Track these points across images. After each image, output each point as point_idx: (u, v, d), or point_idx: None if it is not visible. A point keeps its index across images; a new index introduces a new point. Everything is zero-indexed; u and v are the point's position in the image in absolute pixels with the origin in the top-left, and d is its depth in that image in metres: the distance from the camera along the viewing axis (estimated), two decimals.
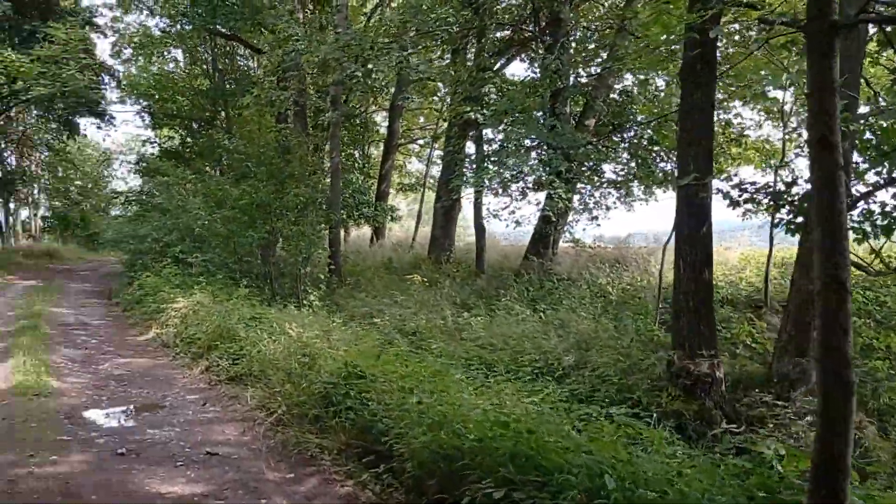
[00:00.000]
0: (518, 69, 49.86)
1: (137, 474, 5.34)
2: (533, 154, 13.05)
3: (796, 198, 8.85)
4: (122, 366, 9.61)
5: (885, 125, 6.45)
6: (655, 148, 14.53)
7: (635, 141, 15.04)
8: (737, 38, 13.00)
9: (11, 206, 38.02)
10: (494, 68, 16.63)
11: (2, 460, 5.45)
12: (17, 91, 24.64)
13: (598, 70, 14.90)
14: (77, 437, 6.20)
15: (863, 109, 8.96)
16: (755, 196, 9.15)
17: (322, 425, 6.15)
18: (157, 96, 27.76)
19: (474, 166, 15.91)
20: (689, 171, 8.07)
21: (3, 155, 33.23)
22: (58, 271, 26.47)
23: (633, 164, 14.24)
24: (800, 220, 8.70)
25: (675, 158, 14.34)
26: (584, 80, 14.95)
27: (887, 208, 6.79)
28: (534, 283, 13.15)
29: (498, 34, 16.68)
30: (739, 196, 9.06)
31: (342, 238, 20.74)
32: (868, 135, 6.70)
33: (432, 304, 12.61)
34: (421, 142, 31.14)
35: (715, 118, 9.62)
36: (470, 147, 18.06)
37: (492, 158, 14.18)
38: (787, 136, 12.88)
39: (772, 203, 9.07)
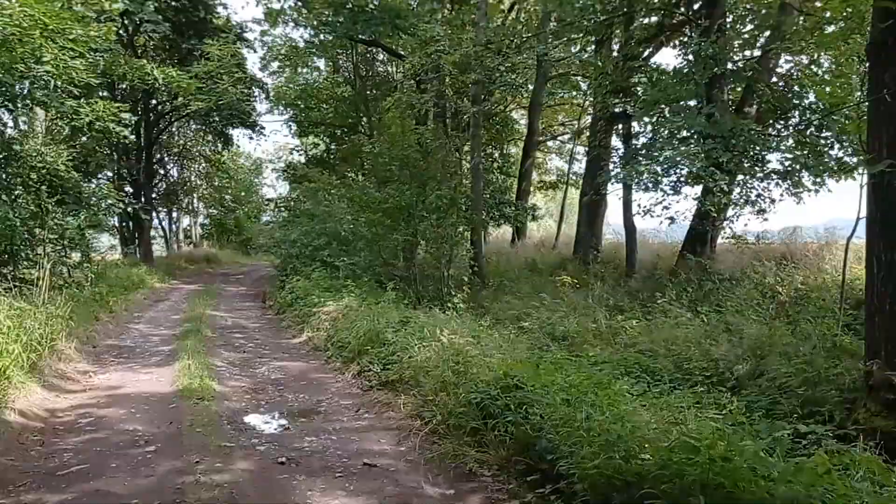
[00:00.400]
0: (667, 57, 48.02)
1: (298, 485, 5.25)
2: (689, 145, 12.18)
3: None
4: (277, 369, 9.79)
5: None
6: (826, 133, 13.22)
7: (801, 127, 13.77)
8: None
9: (174, 214, 40.87)
10: (642, 57, 15.80)
11: (170, 467, 5.54)
12: (178, 107, 26.40)
13: (759, 53, 13.76)
14: (239, 443, 6.24)
15: None
16: None
17: (480, 438, 5.84)
18: (302, 105, 28.83)
19: (622, 161, 15.21)
20: (882, 157, 7.11)
21: (166, 167, 35.79)
22: (215, 275, 28.08)
23: (801, 152, 13.00)
24: None
25: (850, 144, 13.02)
26: (741, 65, 13.82)
27: None
28: (692, 283, 12.31)
29: (646, 20, 15.83)
30: None
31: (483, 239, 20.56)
32: None
33: (583, 306, 12.08)
34: (562, 138, 30.51)
35: None
36: (616, 141, 17.35)
37: (641, 152, 13.42)
38: None
39: None
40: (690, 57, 12.86)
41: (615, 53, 15.45)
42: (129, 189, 26.69)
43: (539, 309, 12.10)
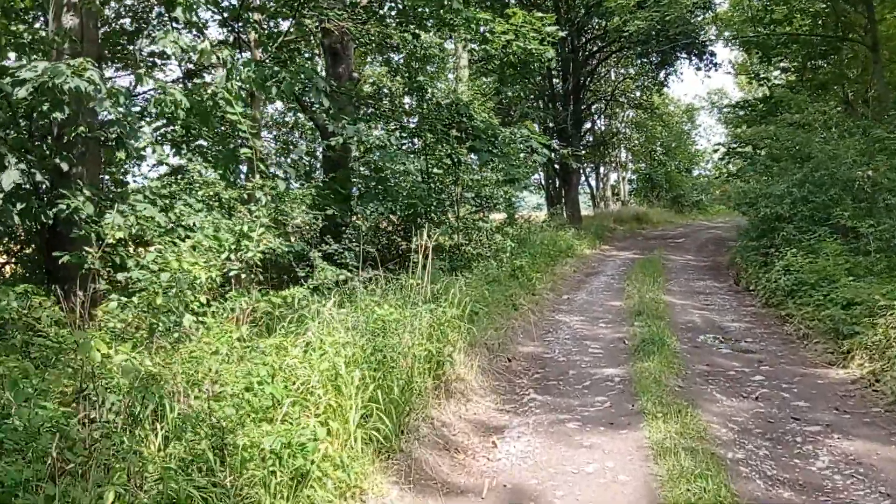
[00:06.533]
0: None
1: None
2: None
3: None
4: (853, 470, 4.54)
5: None
6: None
7: None
8: None
9: (601, 169, 37.35)
10: None
11: None
12: (611, 40, 22.09)
13: None
14: None
15: None
16: None
17: None
18: (767, 18, 22.13)
19: None
20: None
21: (593, 118, 32.13)
22: (649, 238, 23.52)
23: None
24: None
25: None
26: None
27: None
28: None
29: None
30: None
31: None
32: None
33: None
34: None
35: None
36: None
37: None
38: None
39: None
40: None
41: None
42: (555, 141, 23.48)
43: None
